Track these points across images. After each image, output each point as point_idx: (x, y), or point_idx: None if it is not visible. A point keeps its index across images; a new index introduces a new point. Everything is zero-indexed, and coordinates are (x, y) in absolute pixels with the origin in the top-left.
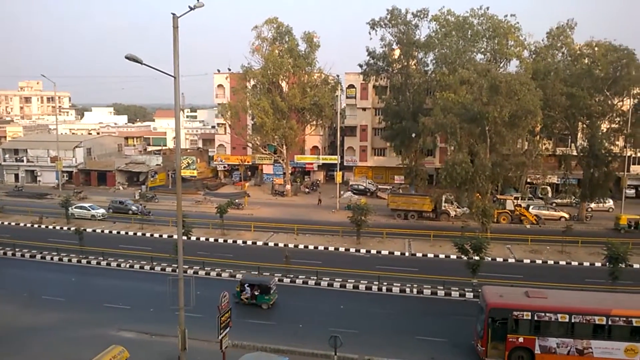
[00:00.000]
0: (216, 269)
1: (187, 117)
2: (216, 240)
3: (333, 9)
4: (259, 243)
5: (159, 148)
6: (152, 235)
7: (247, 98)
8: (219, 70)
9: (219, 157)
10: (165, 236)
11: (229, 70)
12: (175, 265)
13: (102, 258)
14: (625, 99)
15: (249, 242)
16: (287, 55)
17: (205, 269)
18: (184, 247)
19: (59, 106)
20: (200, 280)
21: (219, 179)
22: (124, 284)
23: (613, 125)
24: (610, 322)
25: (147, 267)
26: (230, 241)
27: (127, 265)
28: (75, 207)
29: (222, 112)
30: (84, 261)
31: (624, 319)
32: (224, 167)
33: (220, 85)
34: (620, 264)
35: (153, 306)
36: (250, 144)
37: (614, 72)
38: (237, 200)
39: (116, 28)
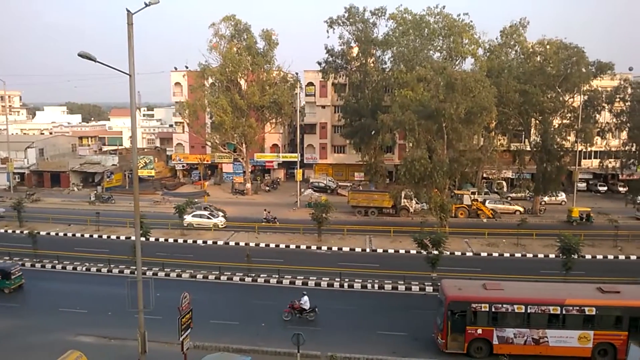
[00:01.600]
0: (176, 270)
1: (144, 115)
2: (176, 240)
3: (291, 7)
4: (220, 242)
5: (115, 148)
6: (109, 237)
7: (205, 96)
8: (176, 68)
9: (177, 157)
10: (122, 238)
11: (186, 68)
12: (134, 267)
13: (57, 261)
14: (575, 95)
15: (210, 242)
16: (246, 53)
17: (165, 270)
18: (142, 249)
19: (9, 105)
20: (159, 282)
21: (177, 179)
22: (80, 287)
23: (564, 121)
24: (564, 312)
25: (104, 270)
26: (190, 241)
27: (84, 269)
28: (192, 216)
29: (179, 110)
30: (38, 265)
31: (577, 308)
32: (183, 166)
33: (177, 83)
34: (573, 255)
35: (111, 309)
36: (209, 143)
37: (565, 70)
38: (196, 200)
39: (69, 25)
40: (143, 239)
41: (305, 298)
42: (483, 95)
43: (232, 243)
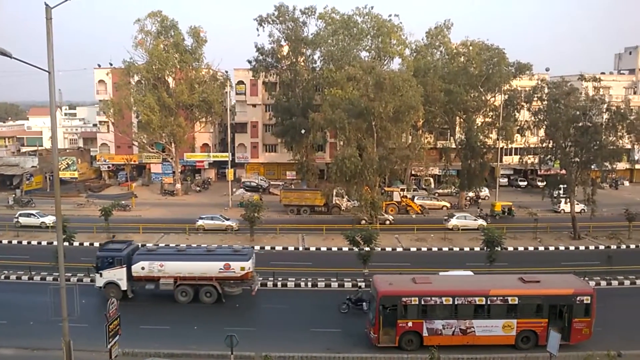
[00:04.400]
0: None
1: (65, 114)
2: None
3: (220, 4)
4: (149, 245)
5: (35, 148)
6: (29, 242)
7: (131, 94)
8: (99, 65)
9: (102, 157)
10: (44, 243)
11: (111, 65)
12: (57, 274)
13: None
14: (497, 94)
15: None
16: (173, 50)
17: (91, 275)
18: (65, 254)
19: None
20: (85, 288)
21: (103, 180)
22: None
23: (487, 120)
24: (489, 302)
25: (25, 278)
26: None
27: (2, 277)
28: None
29: (104, 109)
30: None
31: (501, 298)
32: (108, 167)
33: (101, 81)
34: (496, 248)
35: (33, 319)
36: (136, 143)
37: (487, 70)
38: (123, 202)
39: None
40: (66, 243)
41: None
42: (410, 94)
43: (161, 245)
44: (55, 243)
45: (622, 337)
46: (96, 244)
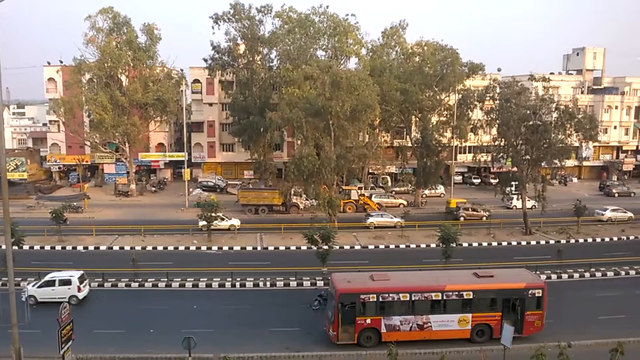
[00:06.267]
0: None
1: (14, 114)
2: (53, 247)
3: (174, 0)
4: (103, 247)
5: None
6: None
7: (83, 93)
8: (49, 63)
9: (52, 157)
10: None
11: (61, 62)
12: (5, 279)
13: None
14: (451, 94)
15: (91, 247)
16: (126, 48)
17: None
18: (14, 258)
19: None
20: None
21: (53, 181)
22: None
23: (441, 119)
24: (445, 297)
25: None
26: (69, 248)
27: None
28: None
29: (54, 108)
30: None
31: (457, 293)
32: (59, 167)
33: (51, 79)
34: (451, 244)
35: None
36: (88, 142)
37: (441, 70)
38: (75, 204)
39: None
40: (15, 247)
41: None
42: (367, 93)
43: (116, 247)
44: (3, 247)
45: (572, 329)
46: (47, 247)
